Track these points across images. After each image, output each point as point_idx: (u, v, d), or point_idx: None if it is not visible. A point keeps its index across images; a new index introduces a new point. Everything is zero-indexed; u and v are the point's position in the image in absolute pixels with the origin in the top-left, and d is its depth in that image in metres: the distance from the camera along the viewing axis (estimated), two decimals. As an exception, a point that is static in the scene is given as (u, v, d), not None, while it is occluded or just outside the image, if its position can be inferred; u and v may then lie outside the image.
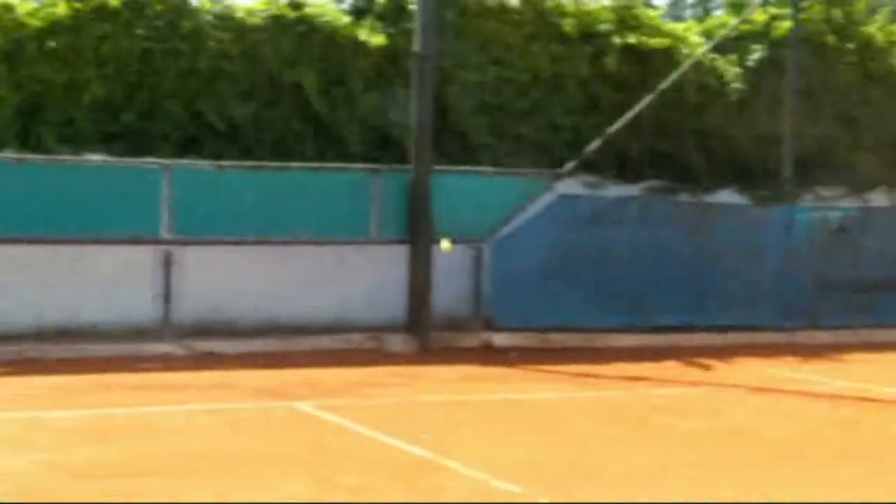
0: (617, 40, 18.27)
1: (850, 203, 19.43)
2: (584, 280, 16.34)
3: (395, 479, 8.39)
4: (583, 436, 10.33)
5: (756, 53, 19.23)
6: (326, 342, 15.15)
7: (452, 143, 16.99)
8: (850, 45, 19.83)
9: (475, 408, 11.67)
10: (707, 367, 14.90)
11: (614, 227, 16.66)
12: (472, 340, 15.83)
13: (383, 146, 16.78)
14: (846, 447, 10.15)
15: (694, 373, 14.50)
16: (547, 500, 7.86)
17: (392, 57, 16.88)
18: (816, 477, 8.86)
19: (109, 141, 15.53)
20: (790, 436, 10.59)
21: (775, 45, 19.12)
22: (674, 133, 18.60)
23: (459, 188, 16.15)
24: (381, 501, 7.83)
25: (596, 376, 13.78)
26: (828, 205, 19.20)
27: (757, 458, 9.52)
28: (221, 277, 14.95)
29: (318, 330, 15.29)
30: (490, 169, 16.68)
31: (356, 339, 15.34)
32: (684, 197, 18.47)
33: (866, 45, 19.97)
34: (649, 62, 18.41)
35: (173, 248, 14.79)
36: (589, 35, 18.23)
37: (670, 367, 14.75)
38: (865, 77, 19.93)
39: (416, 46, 15.78)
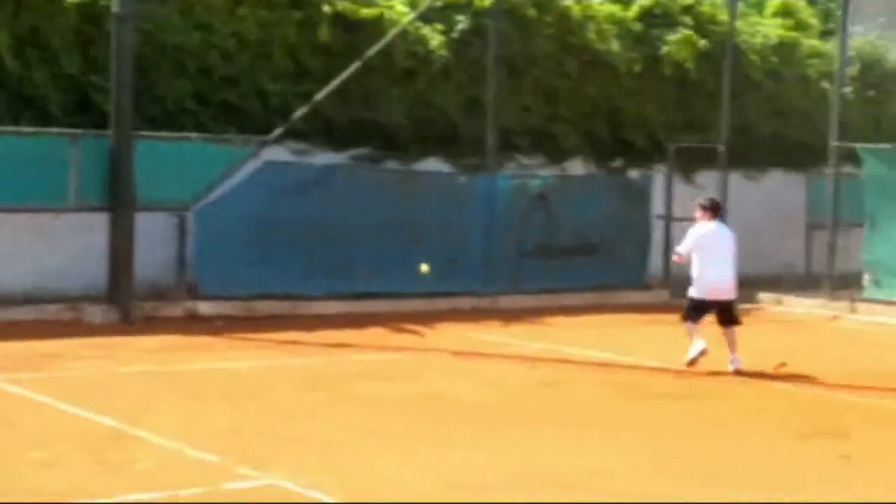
0: (326, 8, 18.19)
1: (548, 171, 20.07)
2: (290, 247, 16.21)
3: (85, 452, 8.12)
4: (285, 403, 10.27)
5: (460, 24, 19.55)
6: (22, 313, 14.50)
7: (155, 108, 16.53)
8: (549, 18, 20.43)
9: (176, 378, 11.43)
10: (412, 333, 15.09)
11: (320, 194, 16.60)
12: (176, 310, 15.47)
13: (84, 110, 16.14)
14: (542, 408, 10.49)
15: (398, 338, 14.66)
16: (246, 469, 7.76)
17: (92, 17, 16.23)
18: (511, 437, 9.11)
19: None
20: (489, 398, 10.85)
21: (478, 14, 19.49)
22: (381, 101, 18.71)
23: (162, 154, 15.71)
24: (70, 474, 7.55)
25: (300, 343, 13.73)
26: (528, 173, 19.78)
27: (456, 420, 9.71)
28: None
29: (12, 301, 14.63)
30: (194, 135, 16.30)
31: (53, 310, 14.74)
32: (390, 165, 18.64)
33: (564, 18, 20.62)
34: (358, 30, 18.42)
35: None
36: (298, 1, 18.06)
37: (375, 334, 14.87)
38: (563, 50, 20.59)
39: (115, 7, 15.21)
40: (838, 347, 15.08)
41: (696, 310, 12.79)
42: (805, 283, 20.37)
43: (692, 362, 12.57)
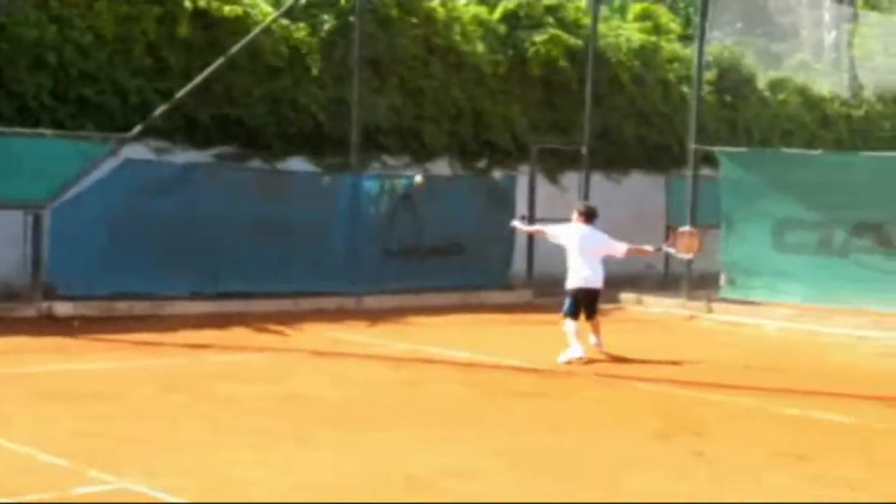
0: (187, 4, 17.93)
1: (413, 171, 20.08)
2: (150, 247, 15.93)
3: (-71, 459, 7.85)
4: (141, 405, 10.07)
5: (326, 23, 19.46)
6: None
7: (9, 104, 16.10)
8: (414, 19, 20.46)
9: (27, 380, 11.12)
10: (275, 333, 14.96)
11: (182, 193, 16.34)
12: (30, 310, 15.08)
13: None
14: (404, 408, 10.46)
15: (261, 339, 14.51)
16: (97, 473, 7.58)
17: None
18: (371, 437, 9.08)
19: None
20: (351, 398, 10.79)
21: (343, 14, 19.42)
22: (245, 99, 18.52)
23: (17, 151, 15.28)
24: (-90, 483, 7.29)
25: (159, 344, 13.50)
26: (393, 173, 19.77)
27: (316, 421, 9.63)
28: None
29: None
30: (50, 131, 15.89)
31: None
32: (255, 163, 18.46)
33: (429, 19, 20.69)
34: (221, 27, 18.21)
35: None
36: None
37: (237, 334, 14.70)
38: (429, 50, 20.65)
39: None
40: (694, 346, 15.39)
41: (572, 304, 13.29)
42: (665, 284, 20.76)
43: (567, 363, 12.84)
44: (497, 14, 22.07)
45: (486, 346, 14.19)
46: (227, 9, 18.33)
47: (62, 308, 15.25)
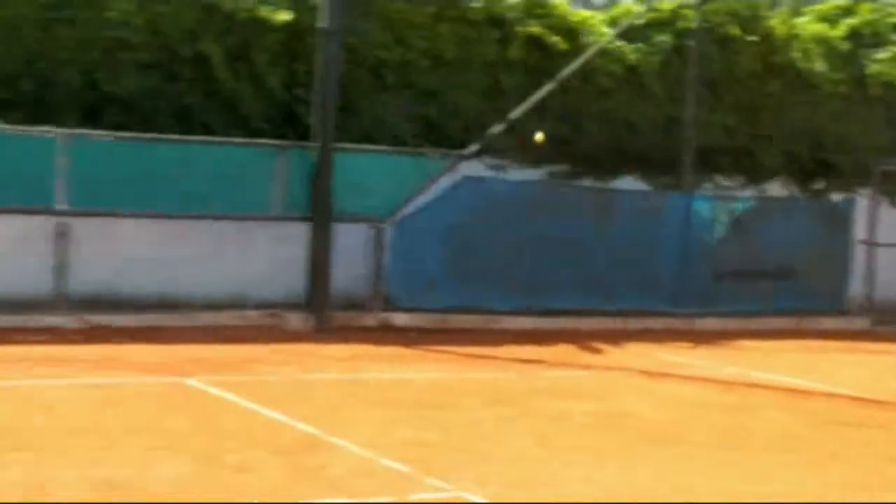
0: (523, 28, 18.34)
1: (748, 192, 19.74)
2: (484, 262, 16.40)
3: (280, 456, 8.39)
4: (472, 416, 10.39)
5: (661, 42, 19.43)
6: (223, 318, 15.04)
7: (354, 121, 16.94)
8: (753, 38, 20.12)
9: (367, 386, 11.69)
10: (600, 351, 15.06)
11: (516, 210, 16.73)
12: (370, 320, 15.83)
13: (287, 122, 16.67)
14: (730, 433, 10.33)
15: (586, 356, 14.65)
16: (433, 480, 7.91)
17: (297, 33, 16.75)
18: (696, 462, 9.03)
19: (6, 109, 15.21)
20: (677, 419, 10.76)
21: (680, 34, 19.33)
22: (577, 118, 18.73)
23: (363, 167, 16.13)
24: (265, 476, 7.83)
25: (489, 358, 13.88)
26: (727, 194, 19.50)
27: (641, 441, 9.66)
28: (118, 250, 14.78)
29: (215, 306, 15.18)
30: (394, 148, 16.66)
31: (253, 316, 15.26)
32: (586, 182, 18.64)
33: (768, 37, 20.28)
34: (555, 49, 18.50)
35: (69, 220, 14.59)
36: (496, 20, 18.27)
37: (564, 351, 14.89)
38: (767, 69, 20.24)
39: (321, 23, 15.69)
40: None
41: None
42: None
43: None
44: (840, 31, 21.37)
45: (817, 374, 13.80)
46: (559, 30, 18.61)
47: (399, 319, 15.93)
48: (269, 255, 15.71)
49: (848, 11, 21.64)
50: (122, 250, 14.82)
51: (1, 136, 14.55)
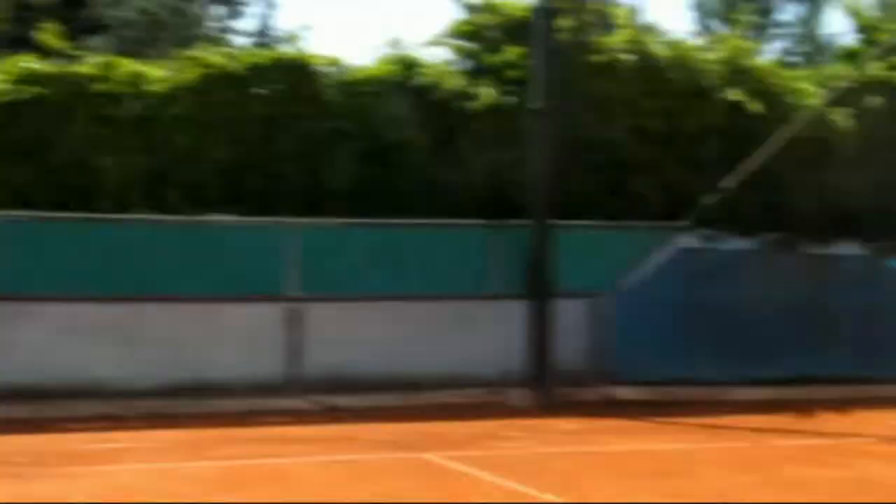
0: (727, 96, 18.27)
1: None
2: (704, 333, 16.30)
3: (531, 525, 8.49)
4: (713, 485, 10.30)
5: (872, 105, 19.07)
6: (447, 396, 15.31)
7: (565, 198, 17.09)
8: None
9: (601, 458, 11.72)
10: (830, 419, 14.74)
11: (734, 279, 16.63)
12: (592, 394, 15.86)
13: (495, 203, 16.93)
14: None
15: (817, 424, 14.37)
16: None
17: (505, 115, 17.06)
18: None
19: (234, 202, 15.93)
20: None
21: (893, 96, 18.95)
22: (788, 185, 18.45)
23: (578, 243, 16.22)
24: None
25: (720, 427, 13.74)
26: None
27: (894, 505, 9.44)
28: (347, 333, 15.26)
29: (439, 384, 15.46)
30: (609, 223, 16.73)
31: (476, 393, 15.48)
32: (802, 249, 18.32)
33: None
34: (761, 116, 18.35)
35: (300, 305, 15.15)
36: (699, 90, 18.25)
37: (794, 419, 14.62)
38: None
39: (532, 104, 15.98)
40: None
41: None
42: None
43: None
44: None
45: None
46: (765, 97, 18.47)
47: (621, 392, 15.91)
48: (487, 332, 15.92)
49: None
50: (349, 333, 15.28)
51: (238, 228, 15.26)
